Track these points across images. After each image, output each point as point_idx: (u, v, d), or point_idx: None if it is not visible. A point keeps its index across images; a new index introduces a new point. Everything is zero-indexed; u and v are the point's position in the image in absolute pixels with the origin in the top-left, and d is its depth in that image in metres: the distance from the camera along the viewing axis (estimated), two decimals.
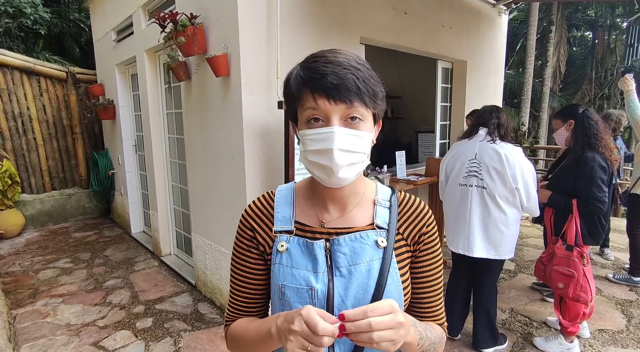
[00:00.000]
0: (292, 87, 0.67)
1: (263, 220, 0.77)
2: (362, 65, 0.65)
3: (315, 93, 0.63)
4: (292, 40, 2.57)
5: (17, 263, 3.93)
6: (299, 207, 0.77)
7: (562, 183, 2.29)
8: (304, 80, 0.64)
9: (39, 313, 2.91)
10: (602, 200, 2.11)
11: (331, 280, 0.69)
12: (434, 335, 0.72)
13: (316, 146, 0.64)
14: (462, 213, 2.25)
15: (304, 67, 0.65)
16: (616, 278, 3.35)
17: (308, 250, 0.72)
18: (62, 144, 5.42)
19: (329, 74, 0.61)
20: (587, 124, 2.22)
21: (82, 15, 6.65)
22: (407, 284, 0.74)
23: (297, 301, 0.69)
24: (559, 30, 11.02)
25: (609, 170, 2.15)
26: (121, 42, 4.21)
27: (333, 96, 0.62)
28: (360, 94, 0.62)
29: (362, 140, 0.65)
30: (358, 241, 0.71)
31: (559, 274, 2.21)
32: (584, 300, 2.16)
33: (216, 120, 2.70)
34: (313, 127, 0.65)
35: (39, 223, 5.21)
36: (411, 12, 3.54)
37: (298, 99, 0.66)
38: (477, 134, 2.26)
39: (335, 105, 0.62)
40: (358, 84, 0.62)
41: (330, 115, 0.63)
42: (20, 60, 4.89)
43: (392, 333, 0.55)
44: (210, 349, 2.44)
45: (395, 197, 0.77)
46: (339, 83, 0.61)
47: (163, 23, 2.55)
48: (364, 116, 0.65)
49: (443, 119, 4.61)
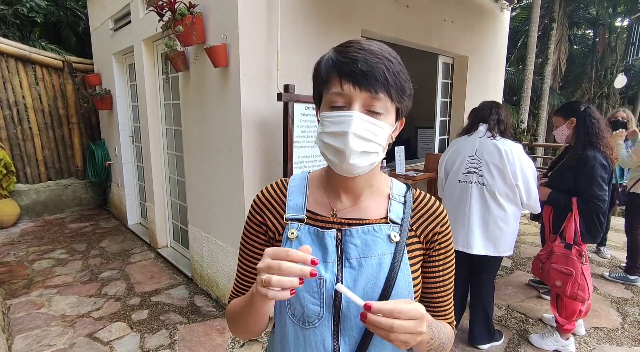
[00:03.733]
0: (322, 69, 0.66)
1: (274, 206, 0.77)
2: (395, 59, 0.64)
3: (342, 77, 0.62)
4: (293, 31, 2.53)
5: (12, 253, 3.91)
6: (311, 196, 0.76)
7: (562, 181, 2.28)
8: (335, 63, 0.63)
9: (34, 304, 2.89)
10: (603, 198, 2.10)
11: (340, 271, 0.69)
12: (445, 336, 0.72)
13: (333, 128, 0.64)
14: (462, 210, 2.24)
15: (337, 50, 0.65)
16: (612, 276, 3.37)
17: (318, 239, 0.71)
18: (58, 133, 5.36)
19: (359, 60, 0.61)
20: (588, 122, 2.20)
21: (79, 3, 6.54)
22: (418, 281, 0.73)
23: (305, 290, 0.68)
24: (560, 27, 10.98)
25: (609, 168, 2.14)
26: (118, 31, 4.15)
27: (359, 83, 0.61)
28: (387, 86, 0.62)
29: (380, 130, 0.64)
30: (371, 234, 0.70)
31: (557, 272, 2.20)
32: (582, 298, 2.16)
33: (214, 112, 2.66)
34: (335, 110, 0.64)
35: (35, 213, 5.17)
36: (413, 5, 3.50)
37: (325, 82, 0.65)
38: (477, 130, 2.24)
39: (360, 92, 0.62)
40: (387, 75, 0.61)
41: (353, 101, 0.63)
42: (15, 48, 4.82)
43: (408, 337, 0.55)
44: (205, 341, 2.43)
45: (410, 194, 0.77)
46: (368, 71, 0.60)
47: (161, 11, 2.50)
48: (387, 108, 0.64)
49: (443, 114, 4.59)
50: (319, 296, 0.68)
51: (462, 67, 4.50)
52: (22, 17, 5.83)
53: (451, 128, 4.70)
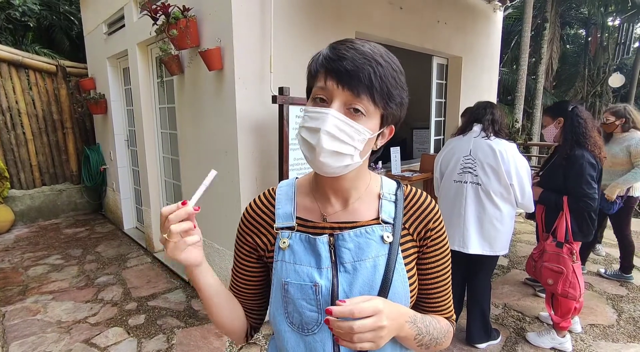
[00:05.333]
0: (313, 64, 0.67)
1: (263, 218, 0.76)
2: (388, 64, 0.62)
3: (327, 73, 0.62)
4: (287, 34, 2.54)
5: (7, 259, 3.87)
6: (300, 203, 0.76)
7: (553, 180, 2.30)
8: (325, 58, 0.63)
9: (29, 310, 2.87)
10: (592, 197, 2.12)
11: (335, 276, 0.68)
12: (437, 330, 0.72)
13: (310, 124, 0.64)
14: (457, 209, 2.25)
15: (330, 47, 0.65)
16: (608, 274, 3.39)
17: (311, 246, 0.70)
18: (53, 138, 5.33)
19: (347, 58, 0.60)
20: (576, 122, 2.22)
21: (72, 7, 6.51)
22: (414, 280, 0.73)
23: (301, 297, 0.68)
24: (552, 27, 11.08)
25: (598, 167, 2.16)
26: (112, 35, 4.14)
27: (343, 81, 0.60)
28: (371, 88, 0.60)
29: (356, 133, 0.62)
30: (363, 236, 0.70)
31: (549, 270, 2.23)
32: (573, 296, 2.18)
33: (209, 115, 2.66)
34: (316, 105, 0.64)
35: (29, 219, 5.13)
36: (407, 7, 3.52)
37: (314, 77, 0.66)
38: (472, 131, 2.25)
39: (342, 91, 0.61)
40: (372, 78, 0.60)
41: (333, 98, 0.62)
42: (8, 53, 4.78)
43: (372, 335, 0.56)
44: (203, 345, 2.43)
45: (400, 191, 0.76)
46: (352, 70, 0.60)
47: (155, 15, 2.50)
48: (369, 112, 0.62)
49: (438, 115, 4.61)
50: (316, 303, 0.68)
51: (456, 67, 4.53)
52: (15, 21, 5.79)
53: (446, 128, 4.72)
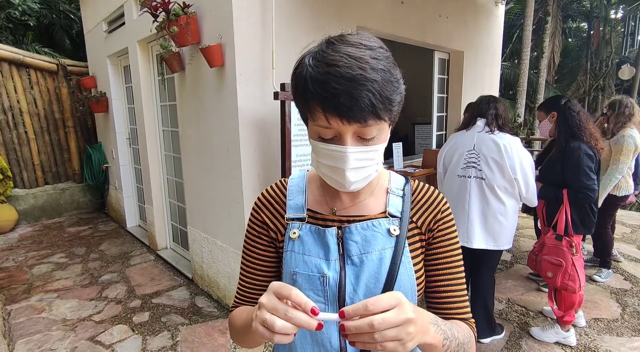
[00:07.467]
0: (300, 94, 0.61)
1: (275, 207, 0.77)
2: (379, 72, 0.57)
3: (327, 113, 0.58)
4: (288, 29, 2.53)
5: (11, 258, 3.89)
6: (311, 195, 0.76)
7: (551, 174, 2.30)
8: (314, 95, 0.57)
9: (34, 308, 2.88)
10: (592, 188, 2.12)
11: (343, 268, 0.69)
12: (462, 334, 0.65)
13: (329, 162, 0.63)
14: (461, 204, 2.24)
15: (314, 77, 0.57)
16: (602, 277, 3.30)
17: (320, 237, 0.71)
18: (54, 137, 5.34)
19: (341, 94, 0.55)
20: (568, 115, 2.24)
21: (72, 6, 6.49)
22: (421, 274, 0.72)
23: (309, 288, 0.69)
24: (554, 21, 10.99)
25: (595, 158, 2.16)
26: (112, 33, 4.12)
27: (347, 117, 0.57)
28: (375, 111, 0.57)
29: (375, 153, 0.63)
30: (370, 229, 0.70)
31: (548, 263, 2.23)
32: (572, 289, 2.17)
33: (211, 112, 2.65)
34: (325, 141, 0.62)
35: (33, 218, 5.15)
36: (408, 1, 3.49)
37: (309, 109, 0.60)
38: (475, 125, 2.24)
39: (349, 125, 0.58)
40: (373, 101, 0.56)
41: (343, 134, 0.60)
42: (9, 52, 4.78)
43: (398, 331, 0.48)
44: (208, 342, 2.43)
45: (408, 186, 0.76)
46: (353, 105, 0.56)
47: (155, 12, 2.48)
48: (380, 129, 0.61)
49: (440, 110, 4.59)
50: (323, 294, 0.69)
51: (457, 62, 4.50)
52: (15, 20, 5.78)
53: (448, 123, 4.70)
